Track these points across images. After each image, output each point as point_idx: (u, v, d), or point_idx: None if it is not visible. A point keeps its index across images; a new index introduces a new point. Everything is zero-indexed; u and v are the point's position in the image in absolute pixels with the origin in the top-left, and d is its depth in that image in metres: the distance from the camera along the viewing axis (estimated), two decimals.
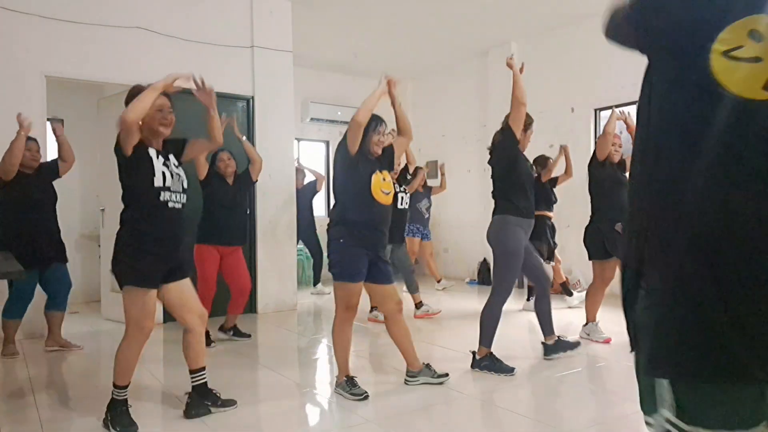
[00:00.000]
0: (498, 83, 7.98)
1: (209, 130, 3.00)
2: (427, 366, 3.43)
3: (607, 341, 4.38)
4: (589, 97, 6.93)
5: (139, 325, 2.69)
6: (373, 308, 5.39)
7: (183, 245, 2.90)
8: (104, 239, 5.45)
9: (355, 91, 9.34)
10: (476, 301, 6.46)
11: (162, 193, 2.73)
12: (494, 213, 3.78)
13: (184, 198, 2.87)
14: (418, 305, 5.59)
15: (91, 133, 6.39)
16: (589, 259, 4.52)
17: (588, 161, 4.57)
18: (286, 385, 3.55)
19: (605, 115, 6.86)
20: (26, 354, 4.30)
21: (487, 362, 3.64)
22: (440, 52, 8.28)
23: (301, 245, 7.61)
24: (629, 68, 6.41)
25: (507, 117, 3.68)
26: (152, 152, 2.75)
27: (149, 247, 2.71)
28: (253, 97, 6.00)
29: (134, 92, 2.74)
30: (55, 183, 4.40)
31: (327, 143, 9.09)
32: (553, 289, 7.18)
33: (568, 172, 5.75)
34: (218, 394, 3.03)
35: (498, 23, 7.10)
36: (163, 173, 2.75)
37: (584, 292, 4.32)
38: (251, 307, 5.80)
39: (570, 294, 6.21)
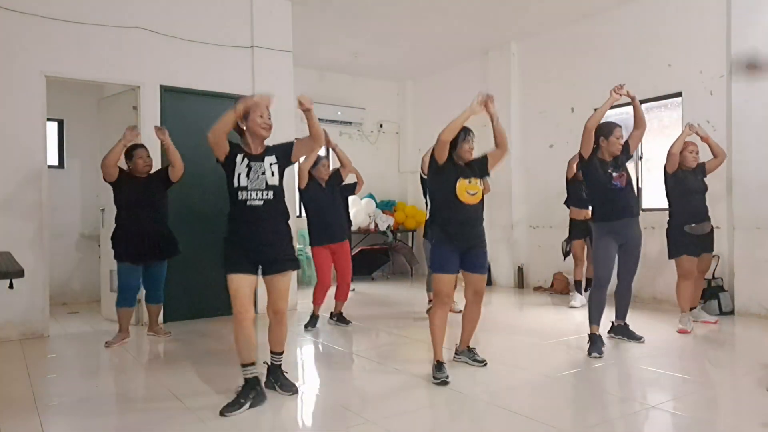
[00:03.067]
0: (498, 83, 7.99)
1: (311, 128, 3.19)
2: (470, 349, 3.83)
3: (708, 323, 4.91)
4: (589, 97, 6.91)
5: (235, 308, 3.01)
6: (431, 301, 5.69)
7: (280, 238, 3.18)
8: (104, 239, 5.42)
9: (355, 91, 9.35)
10: None
11: (239, 192, 3.04)
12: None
13: (268, 195, 3.09)
14: (431, 301, 5.72)
15: (91, 133, 6.39)
16: (670, 257, 4.86)
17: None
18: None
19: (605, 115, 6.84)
20: (26, 354, 4.30)
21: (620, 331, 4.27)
22: (440, 52, 8.27)
23: (301, 245, 7.59)
24: (629, 68, 6.44)
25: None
26: (239, 157, 3.07)
27: (232, 238, 3.10)
28: None
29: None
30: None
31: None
32: (555, 288, 7.19)
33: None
34: (286, 374, 3.33)
35: (498, 23, 7.10)
36: (239, 174, 3.04)
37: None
38: None
39: (574, 291, 6.20)
